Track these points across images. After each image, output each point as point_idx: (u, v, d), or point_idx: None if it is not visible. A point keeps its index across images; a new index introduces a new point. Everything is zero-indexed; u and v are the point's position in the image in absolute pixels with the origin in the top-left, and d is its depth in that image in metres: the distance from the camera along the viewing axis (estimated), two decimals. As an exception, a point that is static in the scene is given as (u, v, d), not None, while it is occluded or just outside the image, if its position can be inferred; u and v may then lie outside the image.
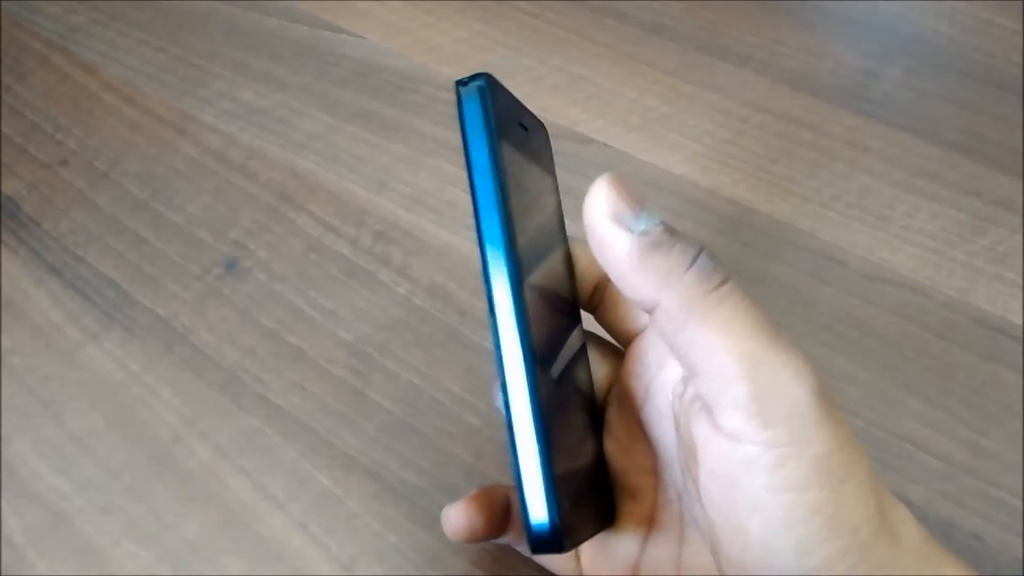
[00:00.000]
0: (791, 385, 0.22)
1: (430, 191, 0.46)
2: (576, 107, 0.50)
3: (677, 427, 0.26)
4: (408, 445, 0.36)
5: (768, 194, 0.45)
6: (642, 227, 0.23)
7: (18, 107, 0.51)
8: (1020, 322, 0.39)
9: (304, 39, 0.55)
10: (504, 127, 0.27)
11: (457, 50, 0.54)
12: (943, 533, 0.33)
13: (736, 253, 0.42)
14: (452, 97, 0.51)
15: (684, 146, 0.48)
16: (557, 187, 0.30)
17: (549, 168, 0.30)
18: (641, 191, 0.24)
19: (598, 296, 0.29)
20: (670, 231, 0.23)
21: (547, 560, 0.30)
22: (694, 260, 0.22)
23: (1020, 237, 0.43)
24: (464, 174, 0.47)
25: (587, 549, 0.29)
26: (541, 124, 0.30)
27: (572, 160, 0.46)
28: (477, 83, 0.26)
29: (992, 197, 0.45)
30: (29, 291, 0.42)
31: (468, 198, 0.47)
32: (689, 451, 0.25)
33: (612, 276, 0.23)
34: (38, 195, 0.46)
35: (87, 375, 0.39)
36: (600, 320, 0.29)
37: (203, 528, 0.34)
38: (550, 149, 0.30)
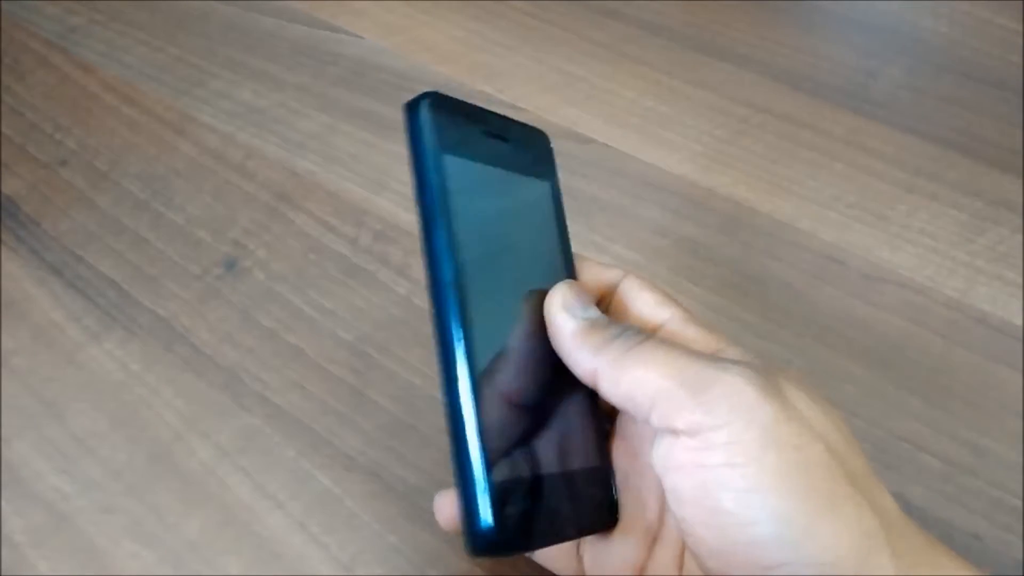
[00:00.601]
0: (720, 376, 0.25)
1: (430, 191, 0.45)
2: (574, 107, 0.50)
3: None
4: (408, 445, 0.36)
5: (768, 194, 0.45)
6: (585, 315, 0.28)
7: (18, 107, 0.51)
8: (1020, 322, 0.39)
9: (301, 39, 0.55)
10: (456, 143, 0.28)
11: (454, 49, 0.54)
12: (943, 533, 0.33)
13: (736, 253, 0.42)
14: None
15: (684, 146, 0.48)
16: (555, 190, 0.31)
17: (543, 174, 0.31)
18: (588, 295, 0.29)
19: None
20: (605, 318, 0.28)
21: (548, 561, 0.30)
22: (621, 332, 0.27)
23: (1020, 237, 0.43)
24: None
25: (590, 550, 0.29)
26: (535, 132, 0.31)
27: (571, 160, 0.46)
28: (421, 102, 0.28)
29: (992, 197, 0.45)
30: (30, 291, 0.42)
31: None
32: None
33: (562, 353, 0.27)
34: (38, 195, 0.46)
35: (88, 375, 0.39)
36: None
37: (203, 528, 0.34)
38: (548, 155, 0.31)
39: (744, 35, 0.54)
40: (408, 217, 0.44)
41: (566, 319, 0.27)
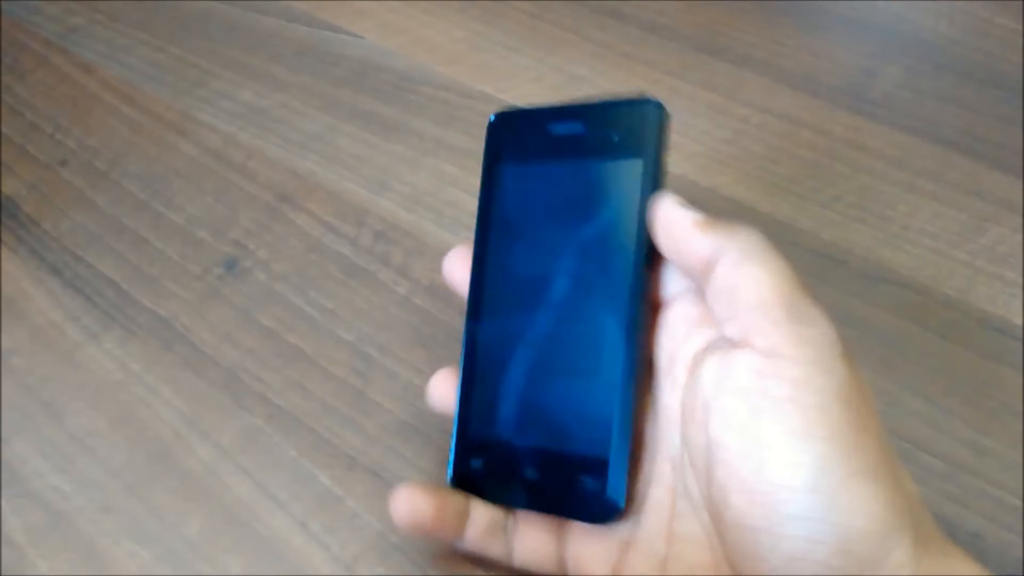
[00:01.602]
0: (819, 320, 0.25)
1: (430, 191, 0.45)
2: (576, 107, 0.50)
3: (691, 390, 0.27)
4: (409, 445, 0.36)
5: (768, 194, 0.45)
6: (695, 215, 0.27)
7: (18, 107, 0.51)
8: (1021, 322, 0.39)
9: (303, 39, 0.55)
10: (517, 152, 0.33)
11: (456, 50, 0.54)
12: (944, 533, 0.33)
13: (736, 253, 0.42)
14: (451, 97, 0.51)
15: (684, 146, 0.48)
16: (649, 163, 0.30)
17: (627, 149, 0.30)
18: None
19: None
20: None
21: (528, 562, 0.31)
22: (747, 231, 0.27)
23: (1020, 237, 0.43)
24: (462, 173, 0.47)
25: (574, 529, 0.30)
26: (630, 105, 0.30)
27: (572, 160, 0.46)
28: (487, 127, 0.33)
29: (992, 197, 0.45)
30: (29, 291, 0.42)
31: (467, 198, 0.47)
32: (701, 408, 0.26)
33: (678, 244, 0.27)
34: (38, 195, 0.46)
35: (87, 375, 0.39)
36: None
37: (204, 527, 0.34)
38: (640, 125, 0.30)
39: (744, 35, 0.54)
40: (409, 217, 0.44)
41: (686, 211, 0.27)
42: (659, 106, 0.30)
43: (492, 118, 0.33)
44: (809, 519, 0.23)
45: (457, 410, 0.32)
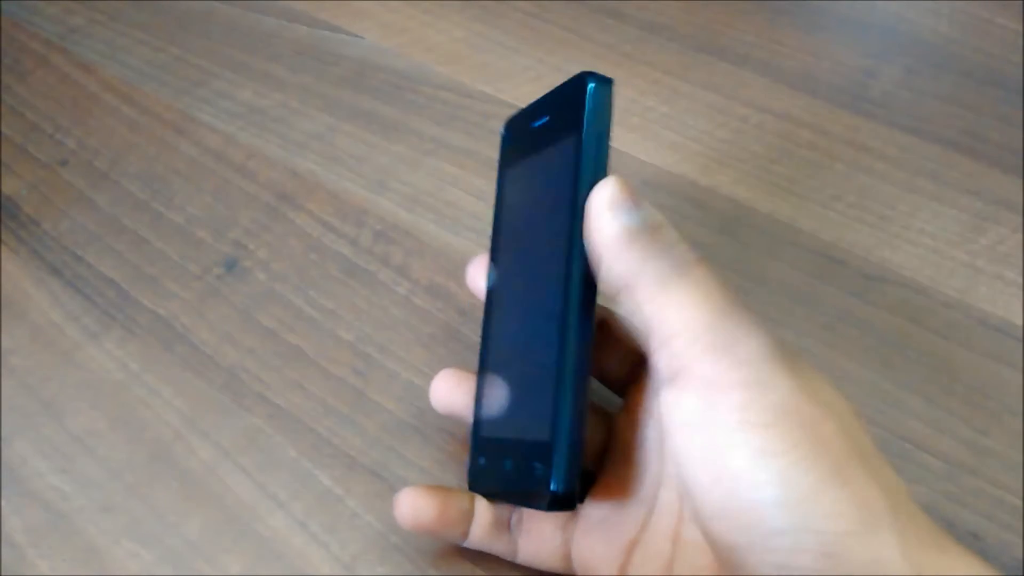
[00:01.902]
0: (751, 337, 0.25)
1: (430, 191, 0.46)
2: (576, 107, 0.50)
3: (656, 420, 0.28)
4: (409, 445, 0.36)
5: (768, 194, 0.45)
6: (634, 216, 0.26)
7: (18, 107, 0.51)
8: (1020, 322, 0.39)
9: (303, 39, 0.55)
10: (515, 155, 0.33)
11: (456, 50, 0.54)
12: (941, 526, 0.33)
13: (736, 253, 0.42)
14: (451, 97, 0.51)
15: (683, 146, 0.48)
16: (583, 137, 0.28)
17: (572, 127, 0.29)
18: (640, 193, 0.27)
19: None
20: (657, 224, 0.26)
21: (534, 559, 0.31)
22: (671, 247, 0.26)
23: (1020, 237, 0.43)
24: (462, 173, 0.47)
25: (581, 526, 0.30)
26: (572, 84, 0.30)
27: (572, 160, 0.46)
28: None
29: (992, 197, 0.45)
30: (29, 291, 0.42)
31: (467, 197, 0.47)
32: (665, 439, 0.27)
33: (601, 254, 0.26)
34: (38, 195, 0.46)
35: (87, 375, 0.39)
36: None
37: (204, 527, 0.34)
38: (580, 102, 0.29)
39: (744, 35, 0.54)
40: (408, 217, 0.44)
41: (611, 219, 0.26)
42: (592, 80, 0.29)
43: (503, 130, 0.34)
44: (786, 532, 0.23)
45: (472, 414, 0.32)
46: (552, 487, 0.26)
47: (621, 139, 0.48)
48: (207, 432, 0.36)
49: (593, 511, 0.30)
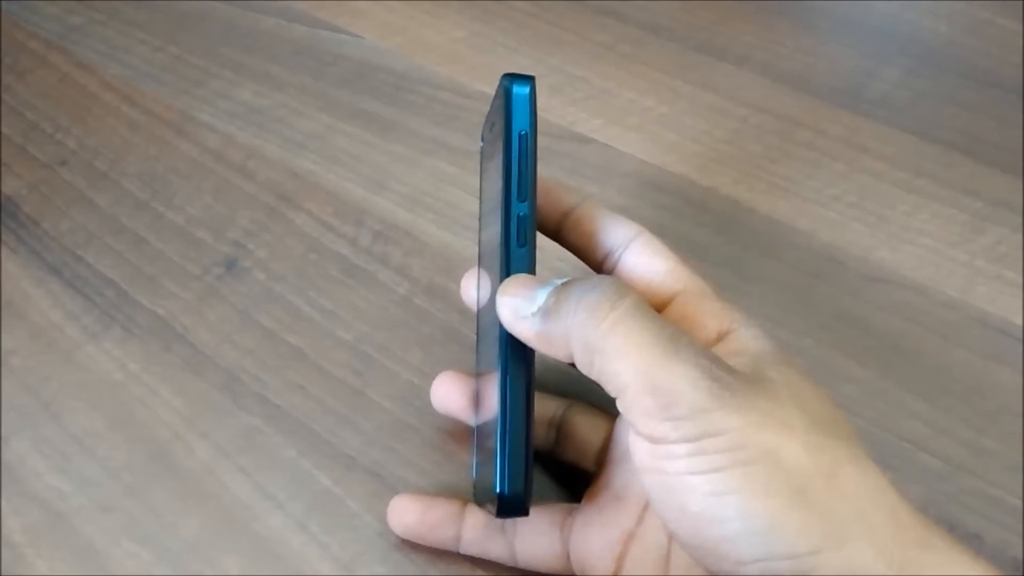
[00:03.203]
0: (688, 390, 0.24)
1: (429, 191, 0.45)
2: (574, 107, 0.50)
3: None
4: (408, 445, 0.36)
5: (767, 194, 0.45)
6: (533, 309, 0.26)
7: (17, 107, 0.51)
8: (1020, 322, 0.39)
9: (302, 39, 0.55)
10: (484, 163, 0.33)
11: (455, 50, 0.54)
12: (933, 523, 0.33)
13: (735, 253, 0.42)
14: (450, 97, 0.51)
15: (683, 146, 0.48)
16: (508, 140, 0.29)
17: (501, 126, 0.29)
18: (529, 278, 0.28)
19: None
20: (556, 293, 0.26)
21: (532, 560, 0.31)
22: (579, 303, 0.25)
23: (1020, 237, 0.43)
24: (462, 173, 0.47)
25: (578, 522, 0.30)
26: (499, 89, 0.30)
27: (570, 160, 0.46)
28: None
29: (992, 197, 0.45)
30: (29, 291, 0.42)
31: (466, 197, 0.47)
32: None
33: (540, 351, 0.27)
34: (38, 195, 0.46)
35: (87, 375, 0.39)
36: (565, 243, 0.32)
37: (203, 527, 0.34)
38: (506, 103, 0.29)
39: (744, 35, 0.54)
40: (408, 217, 0.44)
41: (521, 326, 0.27)
42: (513, 81, 0.29)
43: (480, 140, 0.34)
44: (756, 561, 0.23)
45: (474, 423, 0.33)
46: (496, 490, 0.27)
47: (621, 139, 0.48)
48: (206, 432, 0.36)
49: (590, 507, 0.30)
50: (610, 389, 0.25)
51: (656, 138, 0.48)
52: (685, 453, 0.24)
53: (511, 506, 0.27)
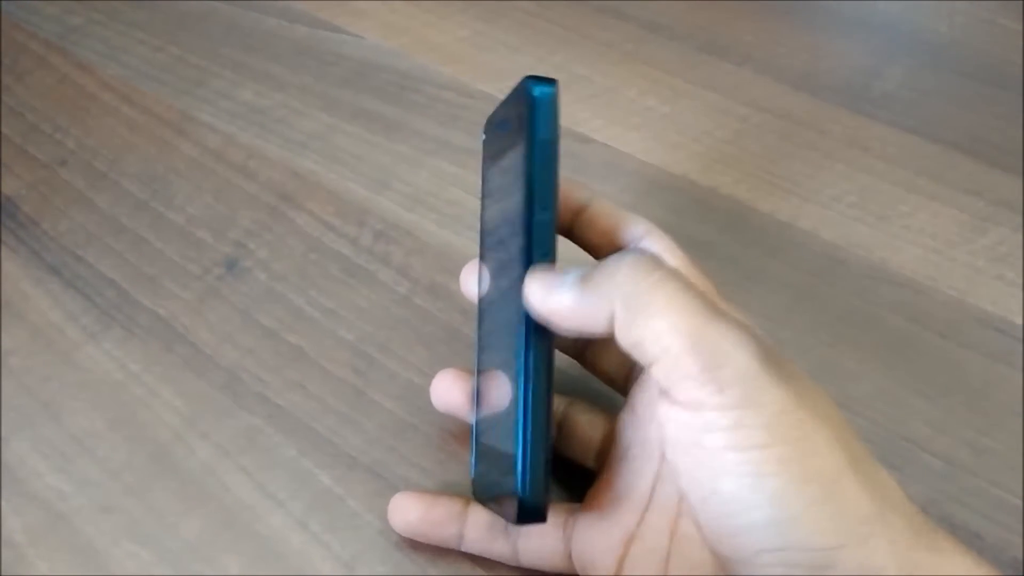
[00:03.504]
0: (735, 352, 0.23)
1: (431, 191, 0.45)
2: (576, 106, 0.50)
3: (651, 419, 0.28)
4: (409, 444, 0.36)
5: (769, 194, 0.45)
6: (568, 278, 0.26)
7: (17, 107, 0.51)
8: (1021, 322, 0.39)
9: (303, 39, 0.55)
10: (490, 157, 0.32)
11: (458, 49, 0.54)
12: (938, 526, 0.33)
13: (737, 253, 0.42)
14: (452, 97, 0.51)
15: (684, 146, 0.48)
16: (531, 144, 0.28)
17: (524, 131, 0.28)
18: (551, 268, 0.27)
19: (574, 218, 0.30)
20: (590, 268, 0.26)
21: (535, 559, 0.31)
22: (619, 263, 0.25)
23: (1021, 237, 0.43)
24: (464, 172, 0.47)
25: (581, 522, 0.30)
26: (519, 90, 0.29)
27: (572, 159, 0.46)
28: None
29: (993, 197, 0.45)
30: (29, 291, 0.42)
31: (469, 197, 0.47)
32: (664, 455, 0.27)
33: (573, 327, 0.26)
34: (37, 195, 0.46)
35: (87, 375, 0.38)
36: (577, 240, 0.31)
37: (203, 527, 0.34)
38: (529, 108, 0.28)
39: (745, 35, 0.54)
40: (409, 217, 0.44)
41: (554, 297, 0.26)
42: (535, 85, 0.28)
43: (483, 132, 0.33)
44: (777, 550, 0.23)
45: (472, 420, 0.33)
46: (523, 501, 0.27)
47: (622, 139, 0.48)
48: (207, 432, 0.36)
49: (592, 507, 0.30)
50: (648, 354, 0.24)
51: (657, 138, 0.48)
52: (726, 425, 0.23)
53: (531, 514, 0.27)
